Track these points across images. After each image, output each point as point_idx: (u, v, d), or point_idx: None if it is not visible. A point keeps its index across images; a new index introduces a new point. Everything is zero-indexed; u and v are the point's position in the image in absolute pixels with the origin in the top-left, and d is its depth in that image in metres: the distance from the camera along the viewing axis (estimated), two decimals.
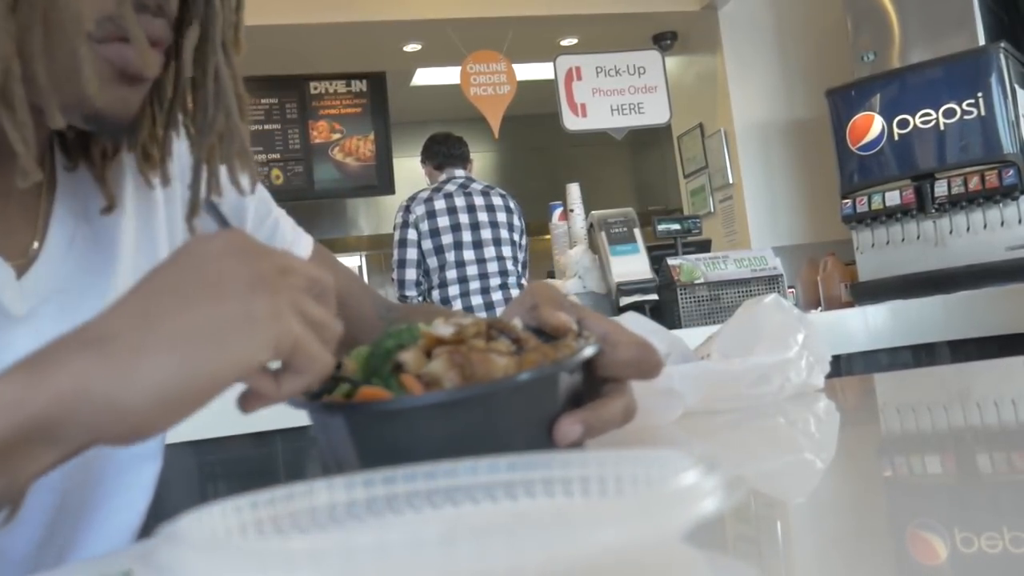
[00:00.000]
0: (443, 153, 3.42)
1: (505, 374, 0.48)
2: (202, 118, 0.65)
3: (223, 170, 0.66)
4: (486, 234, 3.25)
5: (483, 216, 3.26)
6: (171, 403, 0.42)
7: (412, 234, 3.23)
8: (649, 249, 2.95)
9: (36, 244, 0.64)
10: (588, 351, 0.51)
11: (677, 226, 3.36)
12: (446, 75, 5.04)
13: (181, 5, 0.61)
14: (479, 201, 3.29)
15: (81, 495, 0.66)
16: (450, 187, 3.30)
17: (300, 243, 0.88)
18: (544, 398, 0.49)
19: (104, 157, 0.68)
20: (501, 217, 3.31)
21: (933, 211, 3.18)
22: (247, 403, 0.48)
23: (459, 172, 3.37)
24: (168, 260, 0.47)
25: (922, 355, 2.58)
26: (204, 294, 0.44)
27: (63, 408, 0.41)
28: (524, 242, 3.43)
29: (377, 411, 0.48)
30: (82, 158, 0.68)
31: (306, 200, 5.28)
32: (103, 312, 0.45)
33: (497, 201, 3.34)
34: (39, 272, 0.63)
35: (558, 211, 3.16)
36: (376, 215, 6.49)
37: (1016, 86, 3.14)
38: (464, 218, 3.22)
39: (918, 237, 3.25)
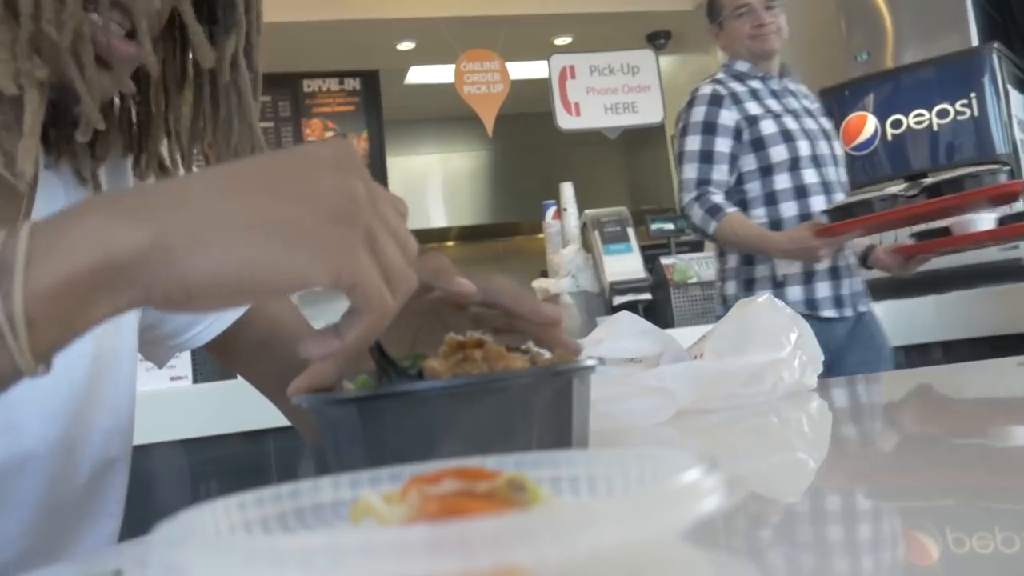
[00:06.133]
0: None
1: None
2: (224, 143, 0.68)
3: None
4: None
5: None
6: (225, 283, 0.42)
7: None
8: (642, 248, 2.96)
9: None
10: (592, 362, 0.52)
11: (671, 225, 3.36)
12: (440, 73, 5.04)
13: (212, 16, 0.66)
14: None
15: (61, 492, 0.66)
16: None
17: None
18: (561, 397, 0.49)
19: (95, 158, 0.68)
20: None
21: None
22: (300, 383, 0.49)
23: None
24: (275, 152, 0.47)
25: (914, 355, 2.59)
26: (292, 196, 0.44)
27: (137, 255, 0.41)
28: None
29: (394, 396, 0.47)
30: (66, 155, 0.68)
31: None
32: (195, 174, 0.47)
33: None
34: None
35: (551, 210, 3.16)
36: None
37: (1009, 87, 3.15)
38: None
39: (911, 237, 3.26)
